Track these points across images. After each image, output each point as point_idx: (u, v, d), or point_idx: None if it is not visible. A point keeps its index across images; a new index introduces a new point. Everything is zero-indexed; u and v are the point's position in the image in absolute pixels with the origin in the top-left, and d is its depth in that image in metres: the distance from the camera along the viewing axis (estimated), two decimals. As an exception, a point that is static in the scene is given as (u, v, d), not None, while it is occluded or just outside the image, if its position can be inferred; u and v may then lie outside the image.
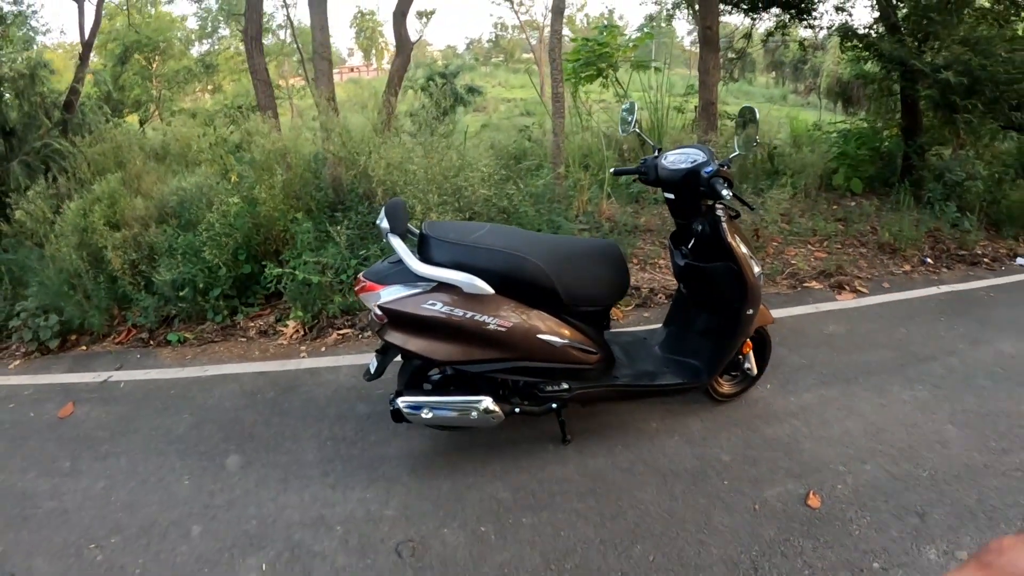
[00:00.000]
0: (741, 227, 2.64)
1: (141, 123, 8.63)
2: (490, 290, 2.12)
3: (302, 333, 3.63)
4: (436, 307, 2.10)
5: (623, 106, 2.93)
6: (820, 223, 5.57)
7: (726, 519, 2.17)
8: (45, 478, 2.59)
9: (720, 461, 2.49)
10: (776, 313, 3.97)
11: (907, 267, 4.98)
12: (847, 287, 4.51)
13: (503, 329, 2.16)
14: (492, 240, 2.24)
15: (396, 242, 2.17)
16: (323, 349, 3.52)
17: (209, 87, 13.37)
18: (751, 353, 2.77)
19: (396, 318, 2.14)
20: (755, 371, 2.81)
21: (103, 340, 3.86)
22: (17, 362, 3.71)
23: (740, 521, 2.16)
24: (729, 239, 2.43)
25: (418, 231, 2.31)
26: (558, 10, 5.19)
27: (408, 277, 2.15)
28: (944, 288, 4.53)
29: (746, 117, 2.48)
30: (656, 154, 2.61)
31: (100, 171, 4.61)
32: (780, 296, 4.34)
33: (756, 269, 2.50)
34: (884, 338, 3.62)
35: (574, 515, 2.21)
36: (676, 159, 2.46)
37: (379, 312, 2.15)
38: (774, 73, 25.98)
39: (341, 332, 3.65)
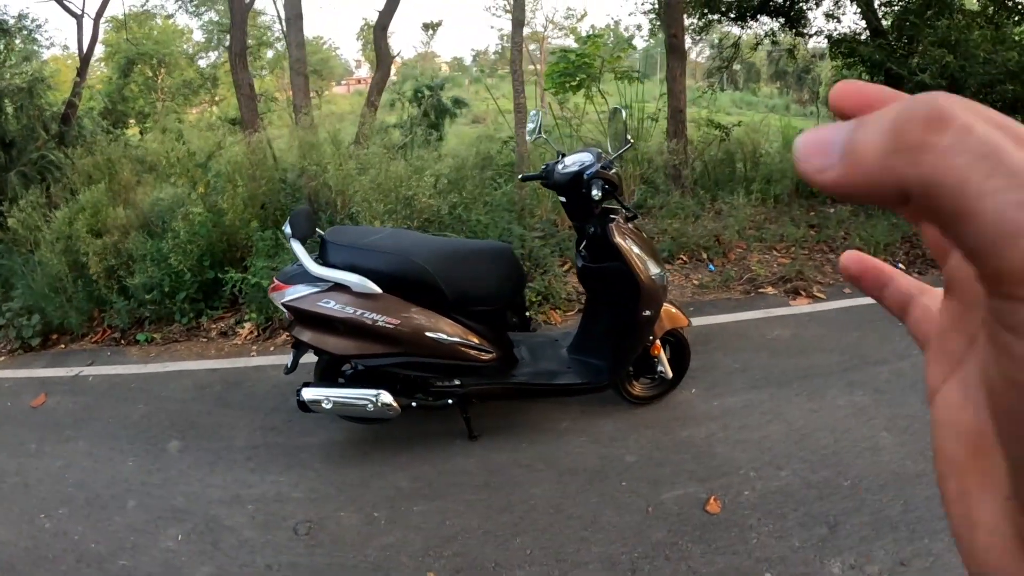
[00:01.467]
0: (640, 229, 2.72)
1: (142, 134, 9.04)
2: (377, 289, 2.38)
3: (256, 334, 3.94)
4: (331, 305, 2.37)
5: (531, 114, 3.05)
6: (790, 229, 5.54)
7: (615, 518, 2.23)
8: (13, 459, 2.92)
9: (623, 462, 2.55)
10: (724, 318, 4.02)
11: (877, 273, 5.05)
12: (803, 292, 4.48)
13: (390, 326, 2.40)
14: (384, 243, 2.49)
15: (296, 246, 2.45)
16: (272, 348, 3.83)
17: (217, 99, 13.82)
18: (663, 355, 2.82)
19: (299, 315, 2.43)
20: (670, 375, 2.85)
21: (81, 339, 4.21)
22: (2, 358, 4.08)
23: (629, 521, 2.21)
24: (617, 239, 2.51)
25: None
26: (518, 23, 5.45)
27: (310, 278, 2.42)
28: (912, 293, 4.60)
29: (613, 116, 2.65)
30: (558, 159, 2.76)
31: (90, 182, 4.96)
32: (731, 301, 4.35)
33: (654, 271, 2.56)
34: (832, 343, 3.56)
35: (464, 505, 2.37)
36: (570, 163, 2.62)
37: (284, 309, 2.43)
38: (778, 83, 25.89)
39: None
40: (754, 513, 2.20)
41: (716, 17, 8.56)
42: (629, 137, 2.57)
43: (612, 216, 2.59)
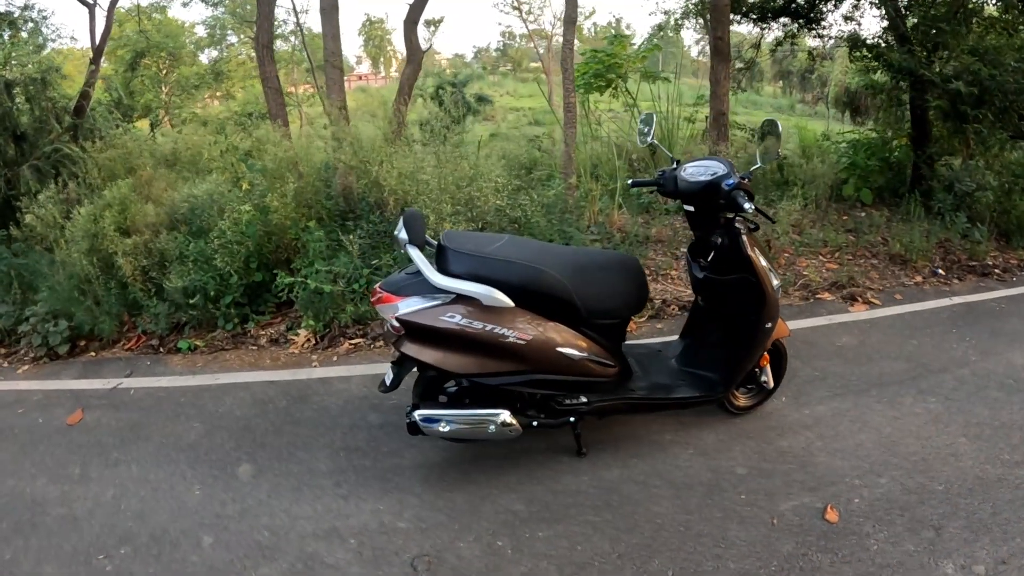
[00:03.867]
0: (759, 239, 2.64)
1: (152, 128, 8.66)
2: (510, 303, 2.11)
3: (313, 342, 3.62)
4: (455, 319, 2.09)
5: (640, 117, 2.93)
6: (831, 234, 5.53)
7: (742, 533, 2.15)
8: (55, 484, 2.58)
9: (735, 474, 2.47)
10: (789, 325, 4.00)
11: (918, 278, 4.94)
12: (859, 298, 4.48)
13: (522, 342, 2.15)
14: (511, 252, 2.24)
15: (415, 253, 2.16)
16: (335, 358, 3.50)
17: (219, 94, 13.44)
18: (768, 366, 2.75)
19: (413, 330, 2.13)
20: (772, 384, 2.80)
21: (112, 346, 3.85)
22: (26, 367, 3.71)
23: (756, 535, 2.14)
24: (749, 251, 2.42)
25: (435, 242, 2.30)
26: (570, 20, 5.20)
27: (426, 288, 2.14)
28: (956, 299, 4.49)
29: (767, 130, 2.47)
30: (674, 166, 2.60)
31: (111, 177, 4.61)
32: (792, 308, 4.32)
33: (775, 282, 2.48)
34: (895, 350, 3.59)
35: (589, 528, 2.19)
36: (695, 171, 2.45)
37: (396, 324, 2.13)
38: (781, 83, 26.05)
39: (353, 342, 3.63)
40: (867, 520, 2.22)
41: (738, 18, 8.49)
42: (781, 151, 2.45)
43: (738, 227, 2.45)
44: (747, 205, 2.23)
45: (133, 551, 2.17)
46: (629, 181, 2.90)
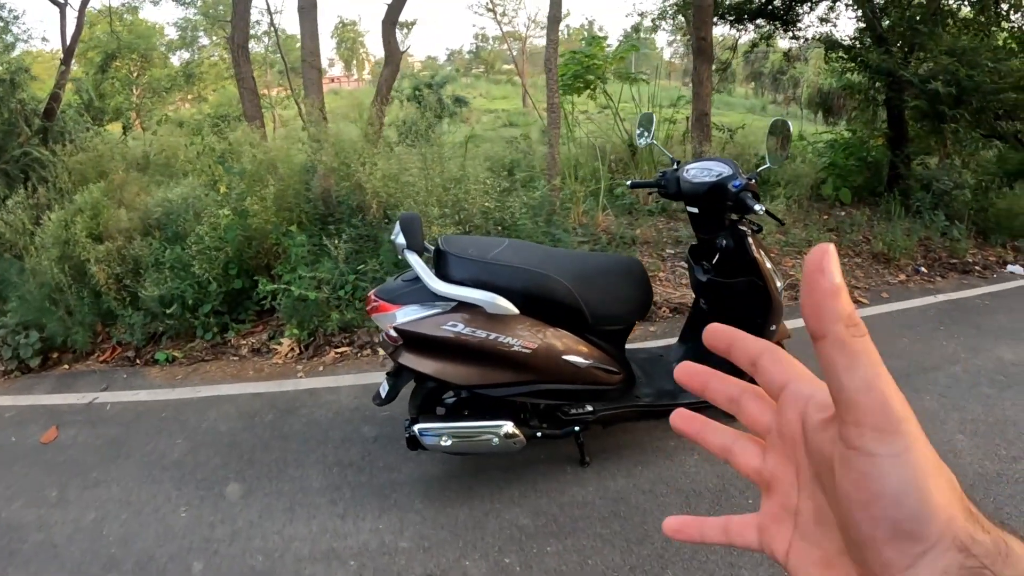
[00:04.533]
0: (763, 242, 2.60)
1: (124, 131, 8.37)
2: (515, 310, 2.03)
3: (298, 351, 3.49)
4: (456, 328, 2.01)
5: (638, 118, 2.88)
6: (814, 233, 5.58)
7: None
8: (31, 508, 2.44)
9: (741, 479, 2.40)
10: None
11: (902, 276, 5.00)
12: None
13: (527, 351, 2.07)
14: (514, 257, 2.16)
15: (414, 259, 2.07)
16: (321, 368, 3.38)
17: (190, 96, 13.09)
18: None
19: (412, 340, 2.04)
20: None
21: (86, 359, 3.69)
22: (-5, 382, 3.53)
23: None
24: (755, 254, 2.38)
25: (433, 247, 2.21)
26: (554, 19, 5.14)
27: (424, 296, 2.05)
28: (941, 297, 4.56)
29: (777, 130, 2.43)
30: (675, 167, 2.55)
31: (81, 181, 4.42)
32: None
33: (779, 284, 2.45)
34: (887, 348, 3.59)
35: (599, 541, 2.13)
36: (698, 172, 2.40)
37: (393, 334, 2.04)
38: (753, 84, 26.38)
39: (339, 350, 3.51)
40: None
41: (715, 20, 8.54)
42: (788, 153, 2.42)
43: (743, 229, 2.41)
44: (756, 207, 2.18)
45: (119, 580, 2.04)
46: (628, 183, 2.85)
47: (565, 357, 2.15)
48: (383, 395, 2.26)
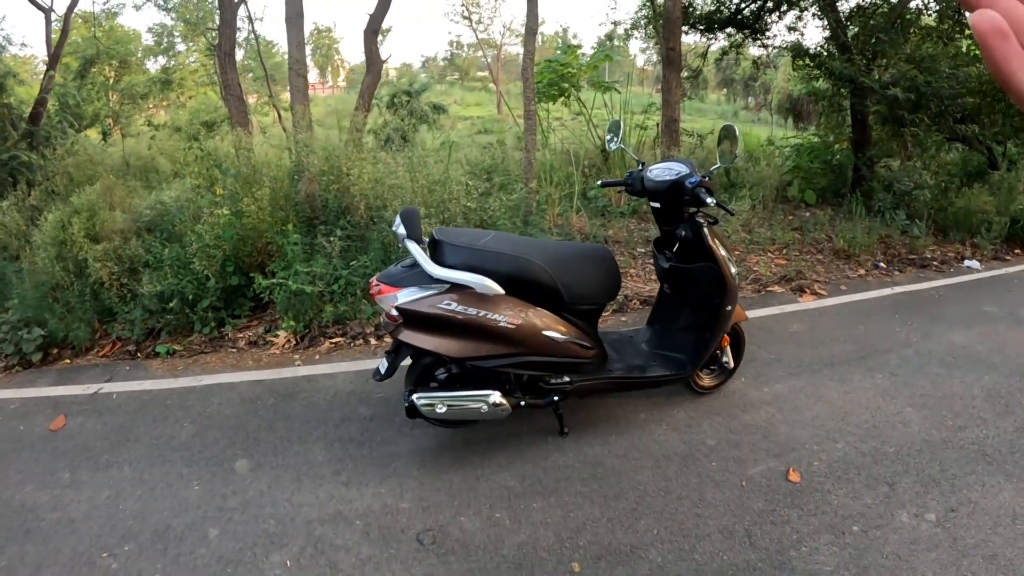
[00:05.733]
0: (720, 232, 2.90)
1: (104, 137, 8.41)
2: (501, 290, 2.29)
3: (294, 343, 3.68)
4: (452, 306, 2.26)
5: (608, 124, 3.17)
6: (779, 232, 5.89)
7: (717, 495, 2.40)
8: (44, 490, 2.55)
9: (706, 445, 2.72)
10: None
11: (862, 271, 5.32)
12: (807, 290, 4.82)
13: (512, 326, 2.32)
14: (500, 245, 2.43)
15: (413, 246, 2.31)
16: (317, 357, 3.57)
17: (164, 103, 13.10)
18: (728, 348, 3.04)
19: (411, 318, 2.28)
20: (732, 364, 3.10)
21: (86, 354, 3.81)
22: (-2, 376, 3.64)
23: (730, 496, 2.39)
24: (710, 242, 2.67)
25: (428, 237, 2.46)
26: (531, 31, 5.40)
27: (422, 280, 2.30)
28: (897, 289, 4.87)
29: (725, 134, 2.72)
30: (640, 168, 2.84)
31: (75, 183, 4.55)
32: (746, 300, 4.59)
33: (733, 269, 2.74)
34: (844, 334, 3.92)
35: (580, 498, 2.38)
36: (660, 172, 2.70)
37: (395, 313, 2.27)
38: (725, 90, 27.09)
39: (333, 341, 3.71)
40: (827, 479, 2.49)
41: (686, 29, 8.84)
42: (738, 154, 2.69)
43: (699, 220, 2.70)
44: (709, 200, 2.47)
45: (138, 548, 2.19)
46: (599, 182, 3.13)
47: (545, 332, 2.41)
48: (382, 371, 2.49)
